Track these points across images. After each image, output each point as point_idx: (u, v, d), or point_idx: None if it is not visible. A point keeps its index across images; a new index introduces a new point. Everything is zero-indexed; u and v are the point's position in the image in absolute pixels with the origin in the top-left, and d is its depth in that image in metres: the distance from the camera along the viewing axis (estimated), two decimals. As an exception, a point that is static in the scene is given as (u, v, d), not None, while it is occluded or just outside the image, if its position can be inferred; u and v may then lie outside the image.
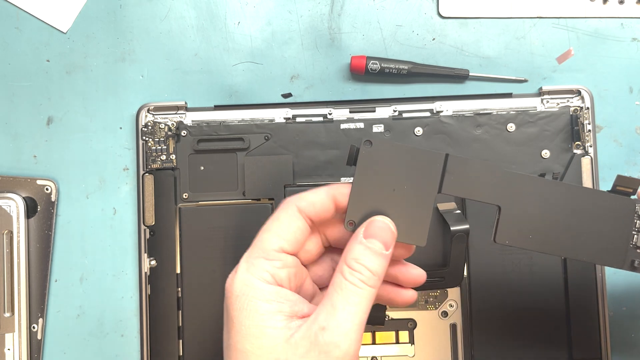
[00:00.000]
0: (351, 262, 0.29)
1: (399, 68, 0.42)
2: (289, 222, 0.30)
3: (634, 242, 0.33)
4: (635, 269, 0.33)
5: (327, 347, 0.27)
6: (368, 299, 0.28)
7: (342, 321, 0.28)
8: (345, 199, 0.30)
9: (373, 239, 0.29)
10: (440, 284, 0.39)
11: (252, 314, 0.28)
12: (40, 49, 0.44)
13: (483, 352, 0.41)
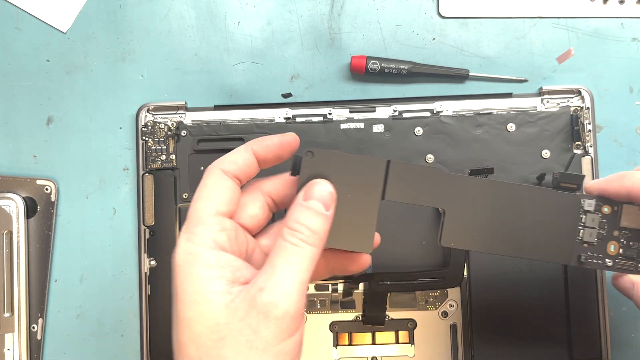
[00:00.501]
0: (291, 223, 0.29)
1: (399, 68, 0.42)
2: (216, 184, 0.30)
3: (581, 237, 0.33)
4: (582, 264, 0.33)
5: (265, 308, 0.27)
6: (309, 258, 0.28)
7: (281, 281, 0.27)
8: (263, 149, 0.30)
9: (312, 200, 0.29)
10: (440, 284, 0.39)
11: (193, 280, 0.28)
12: (40, 49, 0.44)
13: (483, 352, 0.41)
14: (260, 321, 0.27)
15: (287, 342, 0.27)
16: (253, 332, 0.27)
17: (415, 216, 0.41)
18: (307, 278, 0.28)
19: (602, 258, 0.33)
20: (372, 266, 0.41)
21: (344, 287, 0.41)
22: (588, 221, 0.33)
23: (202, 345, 0.27)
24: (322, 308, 0.41)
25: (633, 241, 0.33)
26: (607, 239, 0.33)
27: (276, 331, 0.27)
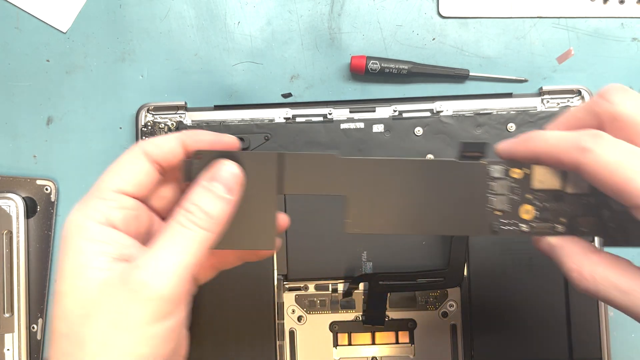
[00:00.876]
0: (186, 204, 0.27)
1: (399, 68, 0.42)
2: (131, 163, 0.29)
3: (492, 205, 0.31)
4: (495, 234, 0.31)
5: (135, 286, 0.25)
6: (198, 242, 0.27)
7: (159, 261, 0.26)
8: (193, 142, 0.29)
9: (215, 182, 0.28)
10: (440, 284, 0.39)
11: (74, 253, 0.27)
12: (40, 49, 0.44)
13: (483, 352, 0.41)
14: (129, 300, 0.25)
15: (157, 326, 0.25)
16: (120, 311, 0.25)
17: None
18: (192, 263, 0.26)
19: (517, 224, 0.31)
20: (372, 266, 0.41)
21: (344, 287, 0.41)
22: (497, 188, 0.31)
23: (69, 321, 0.26)
24: (322, 308, 0.41)
25: (547, 202, 0.31)
26: (520, 204, 0.31)
27: (145, 312, 0.25)
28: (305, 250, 0.41)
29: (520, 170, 0.31)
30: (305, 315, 0.41)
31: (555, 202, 0.31)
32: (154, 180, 0.29)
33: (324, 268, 0.41)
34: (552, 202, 0.31)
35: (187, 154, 0.29)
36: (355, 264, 0.41)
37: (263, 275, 0.41)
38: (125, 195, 0.28)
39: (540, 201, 0.31)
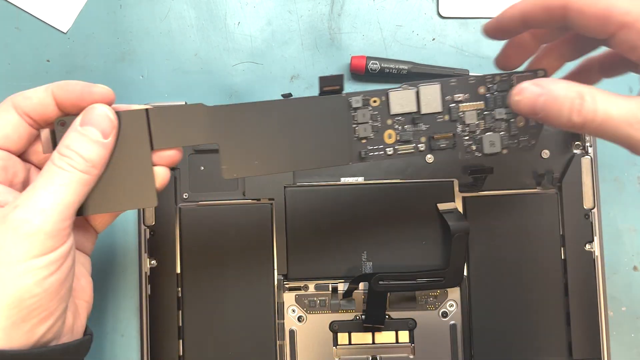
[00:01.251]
0: (62, 149, 0.28)
1: (399, 68, 0.43)
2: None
3: (357, 134, 0.33)
4: (363, 160, 0.33)
5: (16, 223, 0.26)
6: (77, 182, 0.28)
7: (38, 199, 0.27)
8: (63, 93, 0.29)
9: (89, 126, 0.28)
10: (440, 284, 0.39)
11: None
12: (41, 49, 0.44)
13: (483, 352, 0.41)
14: (9, 236, 0.26)
15: (41, 260, 0.26)
16: (1, 247, 0.26)
17: (415, 216, 0.41)
18: (73, 202, 0.27)
19: (383, 148, 0.33)
20: (372, 266, 0.41)
21: (344, 287, 0.41)
22: (360, 117, 0.33)
23: None
24: (322, 308, 0.41)
25: (407, 125, 0.33)
26: (382, 129, 0.33)
27: (27, 247, 0.26)
28: (305, 250, 0.41)
29: (379, 99, 0.33)
30: (305, 315, 0.41)
31: (413, 124, 0.34)
32: (25, 133, 0.29)
33: (324, 268, 0.41)
34: (411, 124, 0.34)
35: (43, 124, 0.30)
36: (355, 264, 0.41)
37: (263, 275, 0.41)
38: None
39: (400, 124, 0.33)
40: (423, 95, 0.34)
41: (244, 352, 0.41)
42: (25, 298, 0.26)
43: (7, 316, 0.26)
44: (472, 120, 0.34)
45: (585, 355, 0.41)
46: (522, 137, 0.35)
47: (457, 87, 0.34)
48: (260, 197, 0.42)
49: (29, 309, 0.26)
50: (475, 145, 0.34)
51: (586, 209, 0.41)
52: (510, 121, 0.34)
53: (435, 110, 0.34)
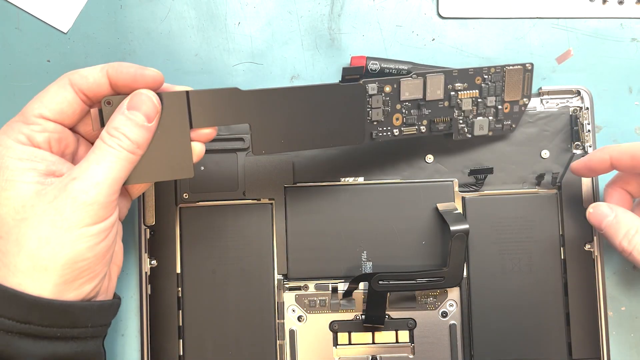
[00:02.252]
0: (111, 130, 0.31)
1: (399, 68, 0.43)
2: (55, 92, 0.32)
3: (370, 117, 0.38)
4: (374, 140, 0.38)
5: (75, 194, 0.29)
6: (124, 160, 0.31)
7: (94, 174, 0.30)
8: (117, 74, 0.32)
9: (135, 111, 0.31)
10: (440, 284, 0.39)
11: (2, 170, 0.30)
12: (41, 49, 0.44)
13: (483, 352, 0.41)
14: (68, 204, 0.29)
15: (93, 227, 0.30)
16: (58, 213, 0.29)
17: (415, 216, 0.41)
18: (121, 177, 0.31)
19: (390, 130, 0.38)
20: (372, 266, 0.41)
21: (343, 286, 0.41)
22: (374, 102, 0.38)
23: (4, 225, 0.30)
24: (322, 308, 0.41)
25: (412, 109, 0.39)
26: (392, 114, 0.38)
27: (83, 215, 0.30)
28: (305, 249, 0.41)
29: (391, 86, 0.38)
30: (305, 315, 0.42)
31: (417, 109, 0.39)
32: (78, 109, 0.32)
33: (324, 268, 0.41)
34: (415, 108, 0.39)
35: (96, 101, 0.33)
36: (355, 263, 0.41)
37: (263, 275, 0.41)
38: (47, 120, 0.32)
39: (407, 109, 0.39)
40: (429, 83, 0.38)
41: (244, 352, 0.41)
42: (77, 261, 0.30)
43: (60, 275, 0.30)
44: (467, 107, 0.40)
45: (584, 355, 0.41)
46: (505, 121, 0.41)
47: (457, 77, 0.39)
48: (260, 197, 0.42)
49: (80, 270, 0.30)
50: (467, 128, 0.40)
51: (586, 209, 0.41)
52: (498, 108, 0.40)
53: (438, 97, 0.39)
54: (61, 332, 0.30)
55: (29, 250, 0.29)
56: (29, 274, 0.30)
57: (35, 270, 0.30)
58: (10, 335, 0.29)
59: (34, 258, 0.29)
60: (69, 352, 0.31)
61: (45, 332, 0.30)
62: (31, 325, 0.30)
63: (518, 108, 0.41)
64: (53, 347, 0.30)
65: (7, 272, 0.30)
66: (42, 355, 0.30)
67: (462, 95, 0.39)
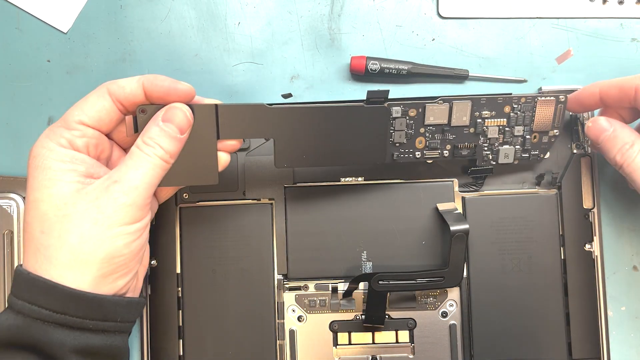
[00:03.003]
0: (147, 140, 0.34)
1: (399, 68, 0.43)
2: (95, 100, 0.34)
3: (393, 139, 0.39)
4: (395, 161, 0.39)
5: (116, 195, 0.32)
6: (158, 167, 0.34)
7: (132, 178, 0.33)
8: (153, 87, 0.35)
9: (170, 123, 0.34)
10: (440, 284, 0.39)
11: (45, 170, 0.32)
12: (41, 49, 0.44)
13: (482, 352, 0.41)
14: (110, 205, 0.32)
15: (131, 226, 0.33)
16: (100, 212, 0.32)
17: (415, 216, 0.41)
18: (155, 182, 0.34)
19: (413, 152, 0.40)
20: (372, 266, 0.41)
21: (343, 286, 0.41)
22: (397, 125, 0.39)
23: (47, 220, 0.32)
24: (322, 308, 0.41)
25: (436, 134, 0.39)
26: (415, 137, 0.39)
27: (122, 215, 0.32)
28: (305, 249, 0.41)
29: (416, 110, 0.39)
30: (305, 315, 0.42)
31: (441, 134, 0.39)
32: (115, 117, 0.35)
33: (324, 268, 0.41)
34: (439, 133, 0.39)
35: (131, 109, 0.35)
36: (355, 263, 0.41)
37: (263, 275, 0.41)
38: (86, 126, 0.34)
39: (431, 133, 0.39)
40: (455, 109, 0.39)
41: (244, 352, 0.41)
42: (115, 256, 0.32)
43: (98, 268, 0.32)
44: (493, 135, 0.40)
45: (584, 355, 0.41)
46: (533, 151, 0.40)
47: (485, 105, 0.39)
48: (260, 197, 0.42)
49: (116, 265, 0.33)
50: (492, 155, 0.40)
51: (586, 209, 0.42)
52: (526, 137, 0.40)
53: (463, 123, 0.39)
54: (93, 324, 0.32)
55: (71, 245, 0.32)
56: (70, 267, 0.32)
57: (76, 263, 0.32)
58: (47, 324, 0.31)
59: (75, 252, 0.32)
60: (98, 344, 0.32)
61: (78, 323, 0.32)
62: (67, 316, 0.31)
63: (547, 139, 0.40)
64: (85, 339, 0.32)
65: (49, 265, 0.32)
66: (74, 345, 0.32)
67: (488, 122, 0.40)
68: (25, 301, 0.31)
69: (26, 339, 0.31)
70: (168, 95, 0.35)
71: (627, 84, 0.36)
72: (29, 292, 0.32)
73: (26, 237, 0.33)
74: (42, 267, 0.32)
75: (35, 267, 0.32)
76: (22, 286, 0.32)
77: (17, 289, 0.32)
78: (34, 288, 0.31)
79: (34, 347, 0.31)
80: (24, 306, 0.31)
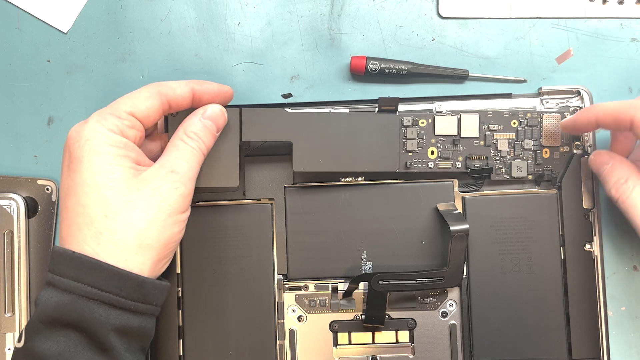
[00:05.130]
0: (190, 133, 0.36)
1: (399, 68, 0.43)
2: (146, 97, 0.36)
3: (405, 147, 0.41)
4: (408, 169, 0.41)
5: (175, 185, 0.34)
6: (199, 160, 0.36)
7: (187, 169, 0.35)
8: (202, 90, 0.37)
9: (210, 121, 0.37)
10: (440, 284, 0.39)
11: (102, 154, 0.33)
12: (41, 49, 0.44)
13: (482, 352, 0.41)
14: (170, 193, 0.34)
15: (183, 215, 0.35)
16: (163, 199, 0.34)
17: (415, 216, 0.41)
18: (196, 175, 0.36)
19: (425, 162, 0.41)
20: (372, 266, 0.41)
21: (343, 286, 0.41)
22: (409, 133, 0.41)
23: (110, 204, 0.33)
24: (322, 308, 0.41)
25: (447, 145, 0.41)
26: (427, 146, 0.41)
27: (179, 203, 0.34)
28: (305, 249, 0.41)
29: (425, 120, 0.41)
30: (305, 315, 0.42)
31: (453, 145, 0.41)
32: (158, 116, 0.36)
33: (324, 268, 0.41)
34: (451, 144, 0.41)
35: (174, 111, 0.38)
36: (355, 263, 0.41)
37: (263, 275, 0.41)
38: (135, 119, 0.35)
39: (442, 144, 0.41)
40: (463, 122, 0.41)
41: (244, 352, 0.41)
42: (170, 242, 0.35)
43: (158, 253, 0.34)
44: (503, 147, 0.41)
45: (584, 355, 0.41)
46: (546, 166, 0.42)
47: (493, 118, 0.41)
48: (260, 197, 0.42)
49: (168, 250, 0.35)
50: (504, 168, 0.41)
51: (586, 209, 0.42)
52: (537, 152, 0.41)
53: (472, 135, 0.41)
54: (134, 305, 0.33)
55: (137, 230, 0.33)
56: (136, 251, 0.33)
57: (141, 248, 0.33)
58: (92, 302, 0.32)
59: (141, 237, 0.33)
60: (136, 325, 0.33)
61: (121, 302, 0.33)
62: (110, 295, 0.32)
63: (559, 155, 0.41)
64: (126, 319, 0.33)
65: (114, 249, 0.33)
66: (115, 324, 0.32)
67: (497, 135, 0.41)
68: (71, 279, 0.32)
69: (72, 315, 0.32)
70: (216, 98, 0.38)
71: (623, 115, 0.36)
72: (74, 270, 0.32)
73: (85, 219, 0.33)
74: (105, 250, 0.33)
75: (97, 249, 0.33)
76: (65, 265, 0.32)
77: (60, 267, 0.32)
78: (80, 266, 0.32)
79: (78, 324, 0.32)
80: (70, 284, 0.32)
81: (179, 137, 0.36)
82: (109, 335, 0.32)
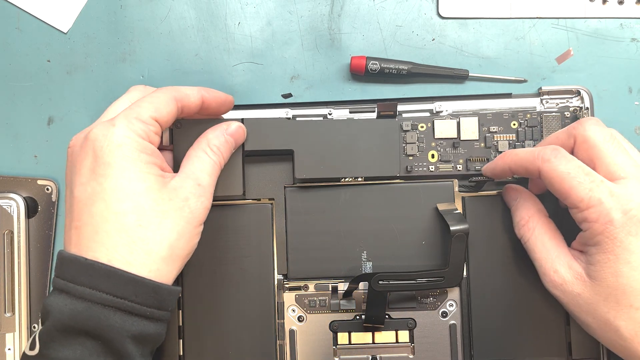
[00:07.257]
0: (214, 147, 0.36)
1: (399, 68, 0.43)
2: (166, 101, 0.35)
3: (405, 152, 0.41)
4: (409, 172, 0.41)
5: (201, 199, 0.35)
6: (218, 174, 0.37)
7: (210, 183, 0.36)
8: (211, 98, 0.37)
9: (232, 137, 0.38)
10: (440, 284, 0.39)
11: (135, 161, 0.33)
12: (41, 49, 0.44)
13: (482, 352, 0.41)
14: (198, 206, 0.34)
15: (201, 227, 0.35)
16: (191, 212, 0.34)
17: (415, 216, 0.41)
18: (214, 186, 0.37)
19: (426, 165, 0.41)
20: (372, 266, 0.41)
21: (344, 287, 0.41)
22: (408, 138, 0.41)
23: (145, 213, 0.33)
24: (322, 308, 0.41)
25: (447, 147, 0.41)
26: (427, 150, 0.41)
27: (203, 216, 0.35)
28: (305, 250, 0.41)
29: (425, 124, 0.41)
30: (305, 315, 0.42)
31: (453, 148, 0.41)
32: (172, 121, 0.37)
33: (324, 268, 0.41)
34: (451, 147, 0.41)
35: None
36: (355, 263, 0.41)
37: (263, 275, 0.41)
38: (158, 124, 0.35)
39: (442, 147, 0.41)
40: (463, 124, 0.41)
41: (244, 352, 0.41)
42: (191, 252, 0.35)
43: (182, 263, 0.35)
44: (504, 149, 0.41)
45: (584, 355, 0.41)
46: None
47: (492, 120, 0.41)
48: (260, 197, 0.42)
49: (186, 259, 0.35)
50: None
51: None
52: None
53: (472, 137, 0.41)
54: (150, 312, 0.33)
55: (169, 241, 0.33)
56: (167, 261, 0.33)
57: (171, 258, 0.34)
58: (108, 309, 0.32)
59: (173, 248, 0.33)
60: (152, 332, 0.33)
61: (137, 309, 0.32)
62: (126, 301, 0.32)
63: None
64: (142, 326, 0.33)
65: (146, 258, 0.33)
66: (132, 331, 0.32)
67: (497, 137, 0.41)
68: (85, 286, 0.31)
69: (87, 323, 0.31)
70: (222, 107, 0.39)
71: (531, 165, 0.35)
72: (88, 277, 0.31)
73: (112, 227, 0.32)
74: (138, 259, 0.32)
75: (129, 258, 0.32)
76: (77, 271, 0.32)
77: (71, 274, 0.32)
78: (95, 273, 0.32)
79: (94, 331, 0.31)
80: (84, 291, 0.31)
81: (202, 148, 0.36)
82: (125, 342, 0.32)
